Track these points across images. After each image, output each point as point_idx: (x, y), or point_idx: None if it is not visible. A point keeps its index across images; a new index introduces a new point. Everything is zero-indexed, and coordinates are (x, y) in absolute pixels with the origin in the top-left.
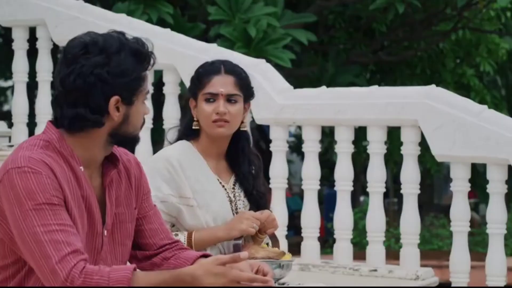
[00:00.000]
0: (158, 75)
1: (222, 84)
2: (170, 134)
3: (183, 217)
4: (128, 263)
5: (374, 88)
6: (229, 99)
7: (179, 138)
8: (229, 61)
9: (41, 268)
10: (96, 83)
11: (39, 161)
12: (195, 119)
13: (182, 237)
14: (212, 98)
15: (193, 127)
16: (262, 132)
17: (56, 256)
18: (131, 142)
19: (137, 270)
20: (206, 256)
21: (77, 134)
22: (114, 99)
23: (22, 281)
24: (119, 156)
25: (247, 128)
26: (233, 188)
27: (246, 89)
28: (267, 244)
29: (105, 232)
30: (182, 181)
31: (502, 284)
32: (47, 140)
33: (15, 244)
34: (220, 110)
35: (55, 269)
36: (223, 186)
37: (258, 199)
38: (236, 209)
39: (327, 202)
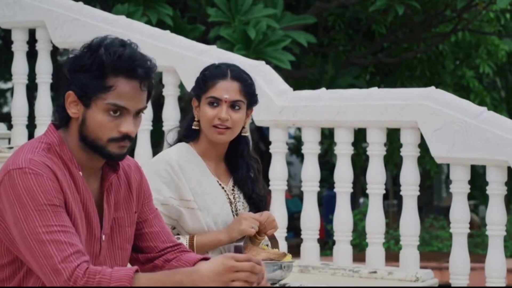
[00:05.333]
0: (158, 76)
1: (226, 90)
2: (170, 136)
3: (184, 220)
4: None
5: (374, 89)
6: (233, 105)
7: (179, 139)
8: (235, 66)
9: (42, 268)
10: (62, 79)
11: (40, 163)
12: (196, 119)
13: (184, 240)
14: (215, 102)
15: (193, 127)
16: (261, 133)
17: (59, 256)
18: (102, 154)
19: (139, 271)
20: (206, 259)
21: (65, 130)
22: (67, 93)
23: (20, 282)
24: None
25: (248, 133)
26: (233, 190)
27: (250, 96)
28: (267, 245)
29: (103, 237)
30: (182, 184)
31: (502, 285)
32: (48, 143)
33: (13, 244)
34: (222, 116)
35: (57, 268)
36: (223, 188)
37: (258, 202)
38: (236, 210)
39: (326, 203)
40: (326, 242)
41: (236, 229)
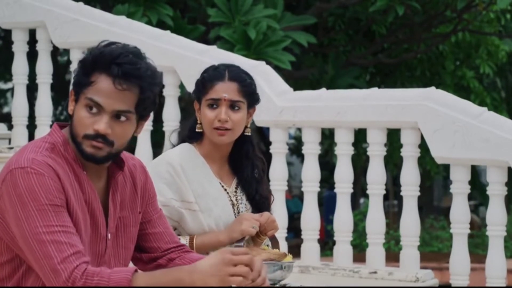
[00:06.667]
0: None
1: (225, 91)
2: (173, 137)
3: (185, 221)
4: (132, 266)
5: (374, 90)
6: (232, 105)
7: (182, 140)
8: (234, 66)
9: (42, 268)
10: None
11: (42, 163)
12: (198, 121)
13: (184, 241)
14: (214, 104)
15: (197, 130)
16: (261, 134)
17: (58, 256)
18: (80, 152)
19: (138, 271)
20: None
21: (69, 129)
22: (70, 91)
23: (19, 281)
24: (125, 160)
25: (251, 133)
26: (235, 192)
27: (250, 96)
28: (268, 245)
29: (109, 235)
30: (184, 185)
31: (502, 286)
32: (52, 143)
33: (14, 241)
34: (222, 117)
35: (57, 269)
36: (225, 190)
37: (261, 203)
38: (238, 212)
39: (327, 204)
40: (326, 243)
41: (236, 230)
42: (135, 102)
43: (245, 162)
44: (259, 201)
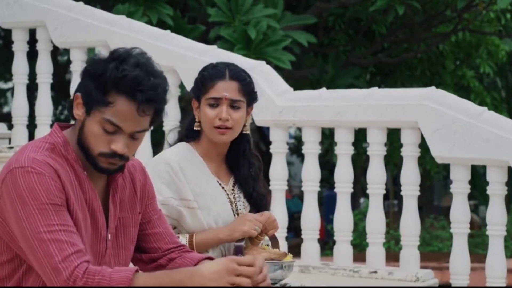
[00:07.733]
0: None
1: (225, 89)
2: (171, 136)
3: (184, 220)
4: (131, 266)
5: (374, 89)
6: (233, 104)
7: (180, 139)
8: (233, 65)
9: (43, 267)
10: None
11: (43, 162)
12: (197, 120)
13: (183, 239)
14: (215, 103)
15: (195, 128)
16: (261, 133)
17: (59, 255)
18: (92, 164)
19: (139, 271)
20: (210, 258)
21: (70, 130)
22: (76, 95)
23: (20, 281)
24: None
25: (249, 131)
26: (233, 190)
27: (249, 94)
28: (267, 245)
29: (109, 236)
30: (182, 184)
31: (502, 285)
32: (52, 143)
33: (14, 241)
34: (223, 116)
35: (58, 268)
36: (223, 188)
37: (258, 201)
38: (237, 210)
39: (327, 204)
40: (327, 242)
41: (239, 230)
42: (150, 121)
43: (242, 160)
44: (257, 198)
